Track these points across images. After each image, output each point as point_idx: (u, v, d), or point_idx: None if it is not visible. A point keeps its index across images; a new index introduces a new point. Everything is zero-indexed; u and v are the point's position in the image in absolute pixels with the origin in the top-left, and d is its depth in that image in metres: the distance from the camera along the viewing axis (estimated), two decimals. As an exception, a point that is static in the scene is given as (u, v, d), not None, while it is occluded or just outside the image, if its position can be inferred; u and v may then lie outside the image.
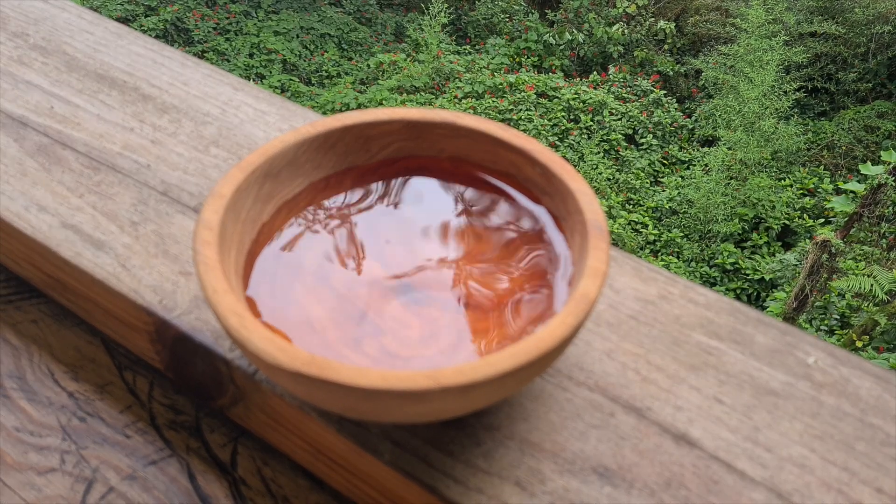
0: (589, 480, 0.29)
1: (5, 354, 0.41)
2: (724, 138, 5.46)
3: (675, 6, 7.21)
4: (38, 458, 0.36)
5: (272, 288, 0.31)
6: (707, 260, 5.01)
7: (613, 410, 0.31)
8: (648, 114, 6.13)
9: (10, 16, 0.55)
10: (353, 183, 0.36)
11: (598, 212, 0.30)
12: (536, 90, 6.15)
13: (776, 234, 5.16)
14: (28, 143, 0.44)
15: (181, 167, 0.42)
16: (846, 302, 3.80)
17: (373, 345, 0.29)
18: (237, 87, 0.48)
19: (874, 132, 5.84)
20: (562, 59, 6.85)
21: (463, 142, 0.35)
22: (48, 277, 0.41)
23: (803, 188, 5.48)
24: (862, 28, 6.31)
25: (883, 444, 0.31)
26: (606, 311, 0.35)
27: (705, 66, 6.27)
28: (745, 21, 5.84)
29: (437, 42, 6.55)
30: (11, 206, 0.40)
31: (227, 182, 0.31)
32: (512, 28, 7.15)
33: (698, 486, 0.29)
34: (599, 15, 7.03)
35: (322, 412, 0.32)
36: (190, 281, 0.36)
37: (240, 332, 0.26)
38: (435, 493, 0.29)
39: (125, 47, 0.52)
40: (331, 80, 6.65)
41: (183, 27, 6.79)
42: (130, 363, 0.40)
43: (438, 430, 0.31)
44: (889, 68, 6.29)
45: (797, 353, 0.34)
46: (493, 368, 0.25)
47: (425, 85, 6.31)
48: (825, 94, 6.44)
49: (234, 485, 0.35)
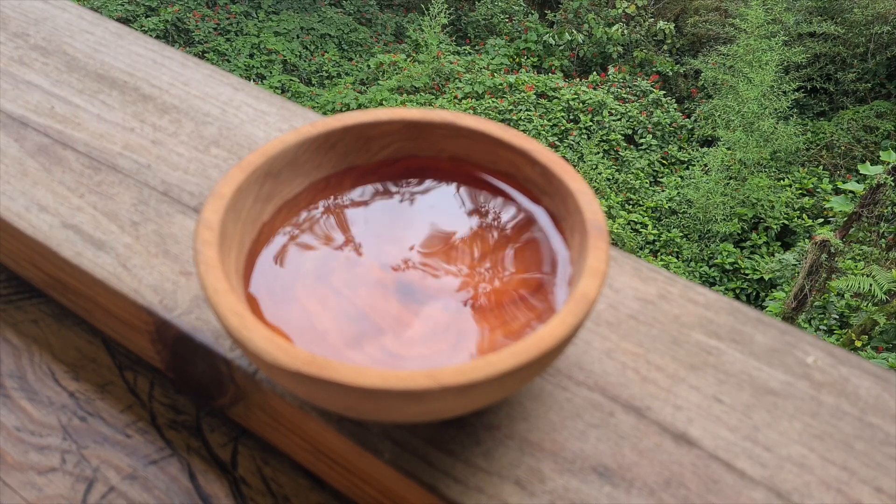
0: (588, 480, 0.29)
1: (6, 354, 0.41)
2: (724, 138, 5.46)
3: (674, 6, 7.21)
4: (38, 457, 0.36)
5: (272, 288, 0.31)
6: (706, 260, 5.01)
7: (613, 410, 0.32)
8: (648, 114, 6.13)
9: (11, 16, 0.55)
10: (353, 183, 0.36)
11: (597, 212, 0.31)
12: (536, 90, 6.15)
13: (775, 233, 5.16)
14: (29, 144, 0.44)
15: (182, 167, 0.43)
16: (845, 301, 3.80)
17: (373, 344, 0.29)
18: (237, 88, 0.48)
19: (873, 132, 5.85)
20: (561, 59, 6.85)
21: (463, 142, 0.35)
22: (49, 277, 0.41)
23: (802, 188, 5.49)
24: (861, 28, 6.32)
25: (882, 444, 0.31)
26: (606, 310, 0.35)
27: (704, 66, 6.27)
28: (745, 21, 5.84)
29: (437, 42, 6.55)
30: (12, 206, 0.40)
31: (228, 182, 0.31)
32: (512, 28, 7.16)
33: (698, 486, 0.29)
34: (599, 15, 7.03)
35: (322, 412, 0.32)
36: (190, 281, 0.37)
37: (240, 332, 0.26)
38: (435, 492, 0.29)
39: (126, 48, 0.52)
40: (331, 81, 6.65)
41: (183, 27, 6.79)
42: (131, 363, 0.40)
43: (438, 429, 0.31)
44: (888, 68, 6.30)
45: (796, 352, 0.34)
46: (493, 368, 0.25)
47: (425, 85, 6.31)
48: (824, 95, 6.45)
49: (234, 484, 0.35)
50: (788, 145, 5.50)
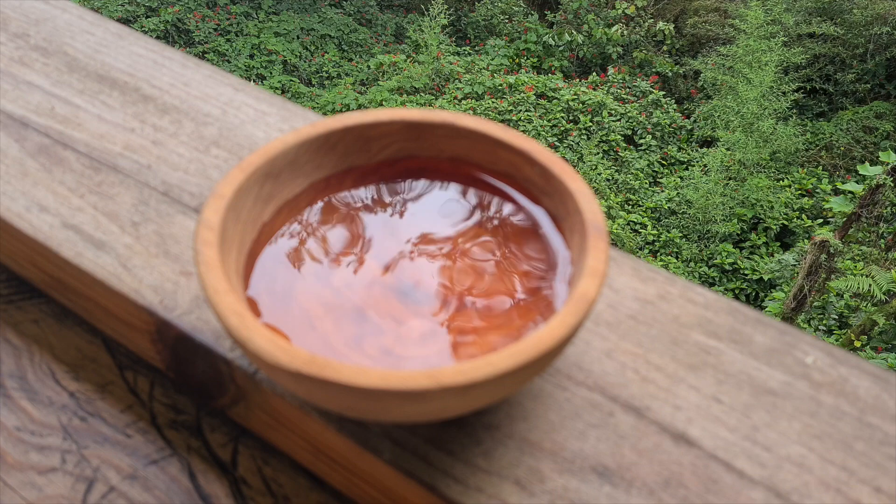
0: (588, 479, 0.29)
1: (6, 354, 0.41)
2: (723, 139, 5.46)
3: (673, 7, 7.21)
4: (38, 457, 0.36)
5: (273, 288, 0.31)
6: (706, 260, 5.01)
7: (612, 410, 0.32)
8: (647, 114, 6.14)
9: (11, 16, 0.55)
10: (353, 183, 0.36)
11: (597, 212, 0.31)
12: (536, 91, 6.15)
13: (775, 234, 5.16)
14: (29, 144, 0.44)
15: (182, 168, 0.43)
16: (844, 302, 3.80)
17: (373, 344, 0.30)
18: (238, 88, 0.49)
19: (872, 133, 5.85)
20: (561, 60, 6.85)
21: (463, 142, 0.35)
22: (49, 277, 0.41)
23: (802, 188, 5.49)
24: (860, 29, 6.32)
25: (881, 444, 0.31)
26: (605, 310, 0.35)
27: (704, 66, 6.28)
28: (744, 22, 5.84)
29: (437, 43, 6.55)
30: (13, 207, 0.40)
31: (228, 182, 0.31)
32: (511, 29, 7.16)
33: (697, 486, 0.29)
34: (598, 16, 7.03)
35: (322, 411, 0.32)
36: (191, 281, 0.37)
37: (240, 332, 0.26)
38: (435, 491, 0.29)
39: (126, 48, 0.52)
40: (331, 81, 6.65)
41: (184, 28, 6.79)
42: (131, 363, 0.40)
43: (438, 429, 0.31)
44: (887, 69, 6.30)
45: (796, 352, 0.34)
46: (493, 368, 0.25)
47: (425, 86, 6.31)
48: (824, 95, 6.45)
49: (234, 484, 0.35)
50: (788, 146, 5.50)
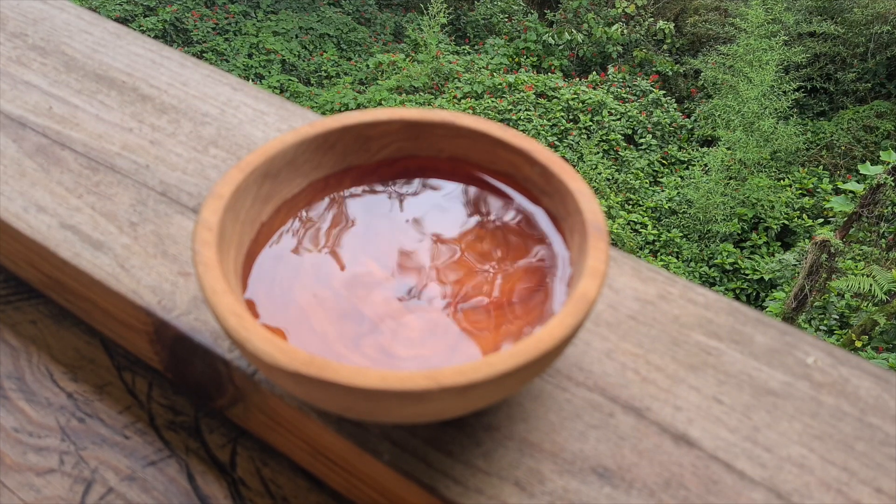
0: (588, 480, 0.29)
1: (4, 355, 0.40)
2: (724, 138, 5.46)
3: (674, 6, 7.21)
4: (36, 458, 0.36)
5: (271, 288, 0.31)
6: (706, 260, 5.01)
7: (613, 410, 0.31)
8: (647, 114, 6.13)
9: (9, 16, 0.54)
10: (352, 183, 0.36)
11: (597, 212, 0.30)
12: (535, 90, 6.15)
13: (775, 234, 5.16)
14: (27, 144, 0.44)
15: (180, 167, 0.42)
16: (845, 302, 3.80)
17: (372, 345, 0.29)
18: (236, 88, 0.48)
19: (873, 132, 5.85)
20: (561, 59, 6.85)
21: (462, 142, 0.35)
22: (47, 278, 0.41)
23: (802, 188, 5.49)
24: (861, 28, 6.32)
25: (882, 444, 0.31)
26: (606, 311, 0.35)
27: (704, 66, 6.27)
28: (745, 21, 5.84)
29: (437, 42, 6.55)
30: (10, 207, 0.40)
31: (226, 182, 0.31)
32: (511, 28, 7.15)
33: (698, 486, 0.29)
34: (598, 15, 7.03)
35: (321, 412, 0.32)
36: (189, 281, 0.36)
37: (239, 333, 0.26)
38: (434, 493, 0.29)
39: (124, 47, 0.52)
40: (330, 81, 6.65)
41: (182, 27, 6.78)
42: (129, 364, 0.40)
43: (438, 430, 0.31)
44: (888, 68, 6.30)
45: (796, 352, 0.34)
46: (493, 368, 0.25)
47: (424, 85, 6.31)
48: (824, 94, 6.45)
49: (233, 485, 0.35)
50: (788, 145, 5.49)
